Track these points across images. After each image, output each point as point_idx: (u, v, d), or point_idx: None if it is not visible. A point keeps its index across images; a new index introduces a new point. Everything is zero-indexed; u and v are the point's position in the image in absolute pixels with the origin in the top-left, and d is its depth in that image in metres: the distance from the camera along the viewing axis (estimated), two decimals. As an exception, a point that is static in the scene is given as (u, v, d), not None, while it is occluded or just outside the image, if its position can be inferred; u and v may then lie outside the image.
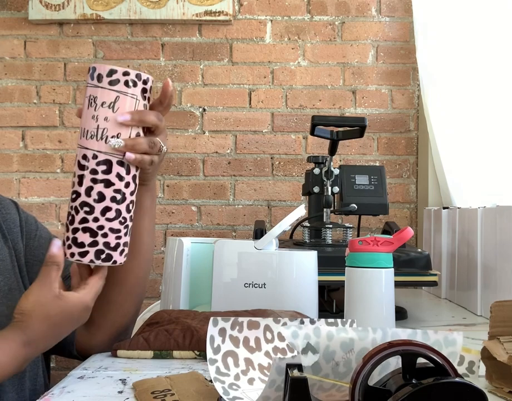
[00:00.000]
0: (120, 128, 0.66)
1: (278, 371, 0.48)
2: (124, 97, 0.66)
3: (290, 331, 0.50)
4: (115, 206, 0.67)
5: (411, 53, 1.75)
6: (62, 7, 1.73)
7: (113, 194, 0.66)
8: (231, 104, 1.78)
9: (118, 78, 0.65)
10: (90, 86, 0.66)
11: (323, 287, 1.18)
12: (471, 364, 0.56)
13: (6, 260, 0.79)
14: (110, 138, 0.65)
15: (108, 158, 0.66)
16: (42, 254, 0.83)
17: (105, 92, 0.65)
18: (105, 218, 0.66)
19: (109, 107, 0.65)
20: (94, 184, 0.66)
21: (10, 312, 0.75)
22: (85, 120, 0.66)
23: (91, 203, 0.66)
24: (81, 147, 0.66)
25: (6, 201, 0.85)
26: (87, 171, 0.66)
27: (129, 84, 0.66)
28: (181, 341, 0.79)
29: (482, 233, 1.23)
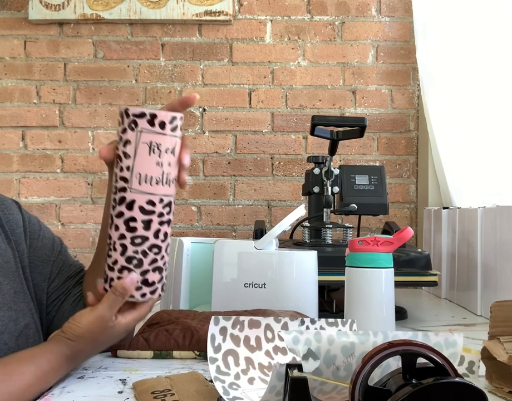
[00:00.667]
0: (176, 170, 0.69)
1: (278, 376, 0.48)
2: (179, 141, 0.69)
3: (291, 336, 0.49)
4: (162, 244, 0.70)
5: (411, 53, 1.75)
6: (62, 7, 1.73)
7: (170, 229, 0.70)
8: (231, 104, 1.78)
9: (178, 124, 0.68)
10: (150, 133, 0.67)
11: (323, 287, 1.18)
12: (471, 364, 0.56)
13: (10, 262, 0.79)
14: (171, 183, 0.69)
15: (171, 200, 0.69)
16: (45, 254, 0.84)
17: (169, 139, 0.67)
18: (167, 252, 0.70)
19: (172, 152, 0.68)
20: (161, 226, 0.68)
21: (17, 316, 0.75)
22: (146, 166, 0.67)
23: (159, 244, 0.68)
24: (143, 192, 0.68)
25: (9, 202, 0.84)
26: (155, 215, 0.68)
27: (181, 128, 0.69)
28: (181, 341, 0.79)
29: (482, 233, 1.23)
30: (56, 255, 0.85)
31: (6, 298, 0.75)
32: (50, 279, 0.83)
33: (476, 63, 1.50)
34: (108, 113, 1.77)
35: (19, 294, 0.78)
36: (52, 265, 0.84)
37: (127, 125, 0.68)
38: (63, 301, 0.83)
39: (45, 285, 0.82)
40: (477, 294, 1.23)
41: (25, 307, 0.78)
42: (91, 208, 1.75)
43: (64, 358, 0.65)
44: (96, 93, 1.78)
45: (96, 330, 0.66)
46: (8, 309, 0.75)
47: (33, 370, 0.62)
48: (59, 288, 0.83)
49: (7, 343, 0.72)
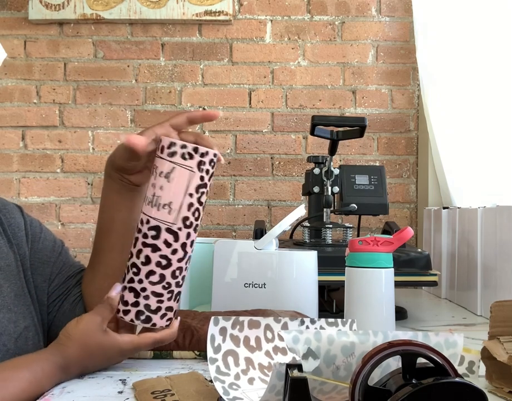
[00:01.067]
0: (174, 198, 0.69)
1: (278, 376, 0.48)
2: (180, 169, 0.68)
3: (291, 336, 0.49)
4: (159, 271, 0.69)
5: (411, 53, 1.75)
6: (62, 7, 1.73)
7: (159, 259, 0.69)
8: (231, 104, 1.78)
9: (176, 151, 0.68)
10: (156, 156, 0.70)
11: (323, 287, 1.18)
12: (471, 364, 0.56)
13: (12, 266, 0.79)
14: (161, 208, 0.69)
15: (157, 224, 0.68)
16: (46, 256, 0.84)
17: (164, 162, 0.68)
18: (148, 281, 0.69)
19: (165, 177, 0.68)
20: (143, 247, 0.69)
21: (17, 318, 0.75)
22: (148, 186, 0.70)
23: (138, 265, 0.69)
24: (141, 211, 0.71)
25: (11, 206, 0.85)
26: (140, 235, 0.69)
27: (185, 156, 0.68)
28: (181, 341, 0.79)
29: (482, 233, 1.23)
30: (56, 256, 0.85)
31: (6, 300, 0.76)
32: (51, 280, 0.83)
33: (476, 63, 1.50)
34: (108, 113, 1.77)
35: (19, 297, 0.78)
36: (52, 266, 0.84)
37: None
38: (63, 301, 0.83)
39: (46, 286, 0.83)
40: (477, 294, 1.23)
41: (25, 310, 0.78)
42: (91, 207, 1.75)
43: (58, 365, 0.65)
44: (95, 93, 1.78)
45: (88, 333, 0.67)
46: (7, 311, 0.75)
47: (28, 377, 0.63)
48: (59, 288, 0.83)
49: (6, 344, 0.72)
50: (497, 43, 1.47)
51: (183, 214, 0.69)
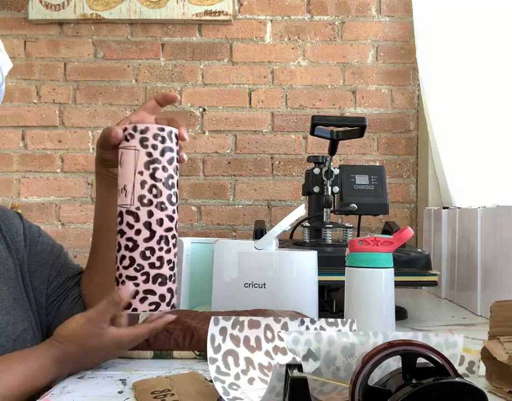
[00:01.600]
0: (126, 180, 0.70)
1: (278, 377, 0.48)
2: (126, 151, 0.70)
3: (291, 336, 0.49)
4: (128, 254, 0.69)
5: (411, 53, 1.75)
6: (62, 7, 1.73)
7: (126, 242, 0.69)
8: (231, 104, 1.78)
9: (121, 136, 0.71)
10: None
11: (323, 287, 1.18)
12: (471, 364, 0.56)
13: (11, 270, 0.80)
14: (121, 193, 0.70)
15: (120, 210, 0.70)
16: (44, 259, 0.85)
17: (118, 152, 0.71)
18: (122, 266, 0.69)
19: (119, 164, 0.71)
20: (117, 235, 0.70)
21: (15, 320, 0.76)
22: None
23: (115, 254, 0.70)
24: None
25: (10, 213, 0.86)
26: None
27: (127, 138, 0.70)
28: (181, 341, 0.79)
29: (482, 233, 1.23)
30: (54, 258, 0.86)
31: (5, 303, 0.76)
32: (49, 282, 0.84)
33: (476, 63, 1.50)
34: (108, 113, 1.77)
35: (17, 301, 0.79)
36: (50, 269, 0.84)
37: None
38: (62, 302, 0.83)
39: (44, 288, 0.83)
40: (477, 294, 1.23)
41: (23, 313, 0.79)
42: (91, 207, 1.75)
43: (53, 359, 0.66)
44: (95, 93, 1.78)
45: (83, 333, 0.66)
46: (6, 313, 0.75)
47: (23, 370, 0.63)
48: (57, 289, 0.84)
49: (4, 346, 0.73)
50: (497, 43, 1.47)
51: (138, 193, 0.69)
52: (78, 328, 0.67)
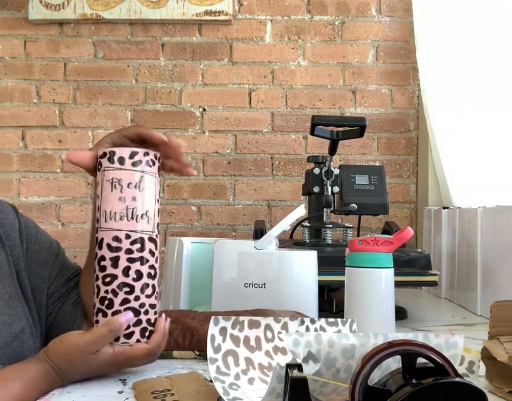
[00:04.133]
0: (148, 206, 0.69)
1: (279, 379, 0.48)
2: (148, 176, 0.69)
3: (291, 338, 0.49)
4: (151, 282, 0.69)
5: (411, 53, 1.75)
6: (62, 7, 1.73)
7: (149, 270, 0.68)
8: (231, 104, 1.78)
9: (141, 159, 0.68)
10: (111, 169, 0.68)
11: (323, 287, 1.18)
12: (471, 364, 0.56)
13: (4, 267, 0.78)
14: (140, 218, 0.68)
15: (141, 236, 0.68)
16: (43, 258, 0.83)
17: (130, 173, 0.68)
18: (145, 295, 0.68)
19: (136, 187, 0.68)
20: (130, 263, 0.67)
21: (12, 320, 0.75)
22: (110, 202, 0.68)
23: (130, 283, 0.67)
24: (109, 229, 0.68)
25: (5, 206, 0.84)
26: (122, 252, 0.67)
27: (150, 164, 0.69)
28: (181, 341, 0.79)
29: (482, 233, 1.23)
30: (54, 257, 0.85)
31: (0, 303, 0.75)
32: (50, 281, 0.83)
33: (476, 62, 1.50)
34: (108, 113, 1.77)
35: (13, 299, 0.77)
36: (50, 268, 0.84)
37: (97, 168, 0.70)
38: (63, 302, 0.83)
39: (45, 287, 0.82)
40: (477, 294, 1.23)
41: (20, 311, 0.78)
42: (91, 207, 1.74)
43: (46, 375, 0.64)
44: (95, 93, 1.78)
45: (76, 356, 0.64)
46: (1, 313, 0.74)
47: (17, 389, 0.62)
48: (58, 289, 0.83)
49: (1, 348, 0.72)
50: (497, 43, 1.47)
51: (157, 221, 0.70)
52: (71, 349, 0.64)
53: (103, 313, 0.67)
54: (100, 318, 0.68)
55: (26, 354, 0.74)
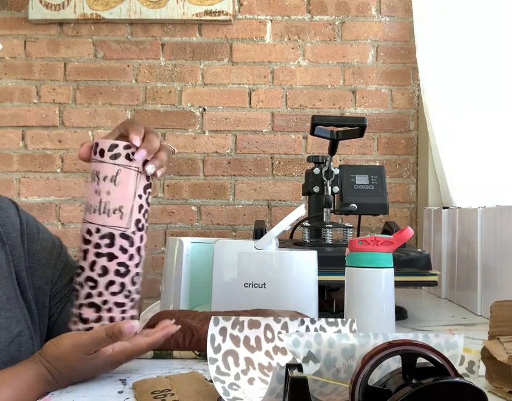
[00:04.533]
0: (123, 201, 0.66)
1: (278, 379, 0.48)
2: (126, 170, 0.66)
3: (291, 339, 0.49)
4: (119, 280, 0.67)
5: (411, 53, 1.75)
6: (62, 7, 1.73)
7: (117, 267, 0.66)
8: (231, 104, 1.78)
9: (120, 152, 0.66)
10: (94, 161, 0.67)
11: (323, 287, 1.18)
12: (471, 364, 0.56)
13: (3, 267, 0.77)
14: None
15: (110, 231, 0.66)
16: (45, 258, 0.82)
17: (107, 166, 0.65)
18: (109, 292, 0.66)
19: (111, 181, 0.65)
20: (97, 258, 0.66)
21: (9, 323, 0.74)
22: (89, 194, 0.67)
23: (95, 277, 0.66)
24: (85, 221, 0.67)
25: (6, 203, 0.82)
26: (91, 246, 0.66)
27: (130, 157, 0.66)
28: (181, 341, 0.79)
29: (482, 233, 1.23)
30: (56, 257, 0.84)
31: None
32: (53, 282, 0.82)
33: (476, 62, 1.50)
34: (108, 113, 1.77)
35: (11, 300, 0.76)
36: (53, 268, 0.83)
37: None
38: (65, 303, 0.82)
39: (48, 288, 0.81)
40: (477, 294, 1.23)
41: (18, 313, 0.76)
42: (91, 207, 1.75)
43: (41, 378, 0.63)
44: (95, 93, 1.78)
45: (72, 357, 0.63)
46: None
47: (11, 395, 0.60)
48: (61, 290, 0.82)
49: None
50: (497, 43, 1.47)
51: (135, 217, 0.67)
52: (67, 351, 0.63)
53: (73, 304, 0.68)
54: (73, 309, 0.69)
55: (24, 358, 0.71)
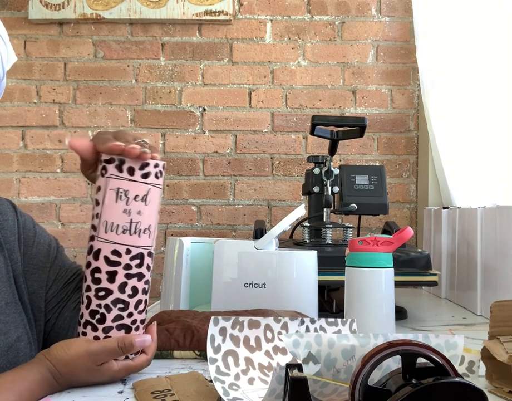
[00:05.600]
0: (151, 220, 0.66)
1: (278, 380, 0.48)
2: (155, 189, 0.66)
3: (291, 339, 0.49)
4: (144, 298, 0.67)
5: (411, 53, 1.75)
6: (62, 7, 1.73)
7: (144, 285, 0.66)
8: (231, 104, 1.78)
9: (151, 171, 0.65)
10: (118, 179, 0.64)
11: (323, 287, 1.18)
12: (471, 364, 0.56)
13: (2, 272, 0.76)
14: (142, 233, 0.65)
15: (142, 251, 0.65)
16: (41, 261, 0.81)
17: (138, 185, 0.64)
18: (137, 311, 0.66)
19: (142, 200, 0.64)
20: (128, 279, 0.65)
21: (8, 329, 0.73)
22: (113, 213, 0.64)
23: (125, 299, 0.65)
24: (109, 242, 0.64)
25: (4, 205, 0.81)
26: (120, 267, 0.64)
27: (158, 175, 0.66)
28: (182, 341, 0.79)
29: (482, 233, 1.23)
30: (52, 261, 0.82)
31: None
32: (48, 286, 0.81)
33: (476, 63, 1.50)
34: (108, 113, 1.77)
35: (10, 305, 0.75)
36: (48, 272, 0.81)
37: (99, 171, 0.66)
38: (62, 308, 0.81)
39: (43, 292, 0.80)
40: (477, 294, 1.23)
41: (17, 318, 0.76)
42: (91, 207, 1.74)
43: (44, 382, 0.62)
44: (95, 93, 1.78)
45: (79, 365, 0.63)
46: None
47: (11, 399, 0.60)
48: (57, 294, 0.81)
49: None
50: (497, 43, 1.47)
51: (156, 233, 0.67)
52: (76, 358, 0.63)
53: (93, 327, 0.65)
54: (89, 331, 0.65)
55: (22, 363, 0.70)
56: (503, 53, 1.46)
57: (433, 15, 1.58)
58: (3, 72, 0.78)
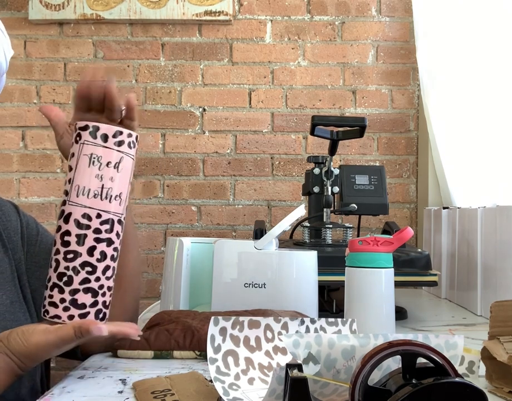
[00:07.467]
0: (122, 188, 0.68)
1: (279, 380, 0.48)
2: (128, 158, 0.68)
3: (291, 340, 0.49)
4: (112, 264, 0.68)
5: (411, 53, 1.75)
6: (62, 7, 1.73)
7: (113, 252, 0.67)
8: (231, 104, 1.78)
9: (124, 140, 0.67)
10: (91, 145, 0.66)
11: (323, 287, 1.18)
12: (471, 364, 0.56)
13: (6, 272, 0.77)
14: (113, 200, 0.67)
15: (111, 217, 0.66)
16: (44, 260, 0.82)
17: (111, 152, 0.66)
18: (105, 277, 0.67)
19: (115, 167, 0.66)
20: (97, 243, 0.66)
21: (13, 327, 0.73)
22: (85, 178, 0.66)
23: (94, 263, 0.66)
24: (79, 205, 0.66)
25: (7, 206, 0.83)
26: (90, 231, 0.65)
27: (131, 145, 0.68)
28: (182, 341, 0.79)
29: (482, 233, 1.23)
30: None
31: (2, 308, 0.74)
32: None
33: (476, 63, 1.50)
34: (108, 113, 1.77)
35: (15, 304, 0.76)
36: None
37: (74, 138, 0.68)
38: None
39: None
40: (477, 294, 1.23)
41: (21, 316, 0.77)
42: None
43: (10, 371, 0.63)
44: (95, 93, 1.77)
45: (41, 354, 0.64)
46: (2, 319, 0.73)
47: None
48: None
49: None
50: (497, 43, 1.47)
51: (127, 203, 0.69)
52: (35, 350, 0.63)
53: (59, 289, 0.66)
54: (55, 293, 0.66)
55: None
56: (504, 53, 1.46)
57: (433, 15, 1.58)
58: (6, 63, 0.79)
